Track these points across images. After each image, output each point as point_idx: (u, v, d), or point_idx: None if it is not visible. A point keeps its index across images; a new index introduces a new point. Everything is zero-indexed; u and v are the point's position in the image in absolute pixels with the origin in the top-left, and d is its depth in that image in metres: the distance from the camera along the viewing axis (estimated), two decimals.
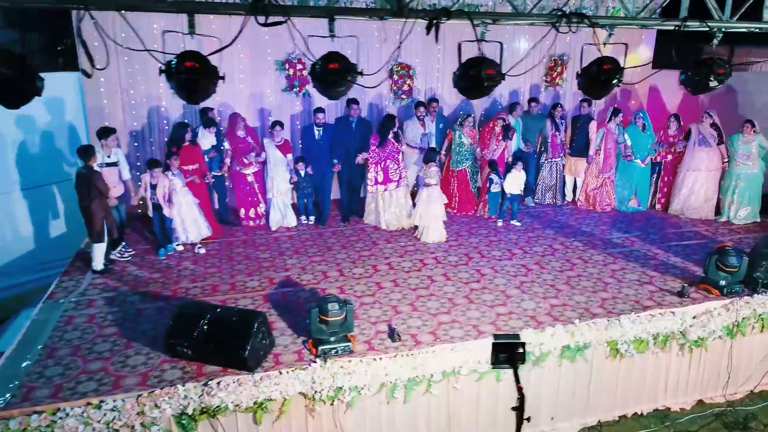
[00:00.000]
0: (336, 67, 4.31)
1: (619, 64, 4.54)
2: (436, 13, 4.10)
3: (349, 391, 4.36)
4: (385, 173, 7.16)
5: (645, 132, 8.15)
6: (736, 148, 7.57)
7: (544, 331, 4.85)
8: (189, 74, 4.34)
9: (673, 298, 5.55)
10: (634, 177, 8.27)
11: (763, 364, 5.78)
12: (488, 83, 4.42)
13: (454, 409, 4.79)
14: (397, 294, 5.58)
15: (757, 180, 7.68)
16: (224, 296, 5.53)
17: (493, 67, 4.40)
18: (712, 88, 4.88)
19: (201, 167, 7.03)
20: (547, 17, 4.67)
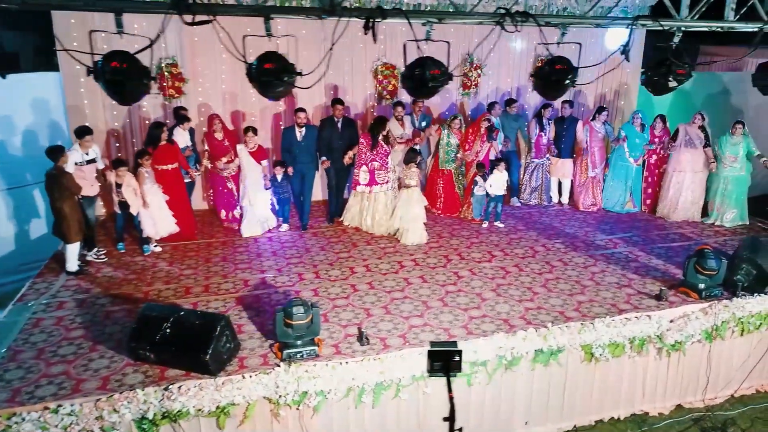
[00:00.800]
0: (271, 68, 4.23)
1: (572, 64, 4.46)
2: (372, 12, 4.03)
3: (315, 395, 4.30)
4: (372, 175, 7.08)
5: (642, 132, 8.04)
6: (724, 149, 7.47)
7: (515, 335, 4.78)
8: (115, 75, 4.25)
9: (651, 301, 5.47)
10: (628, 178, 8.17)
11: (743, 368, 5.70)
12: (432, 83, 4.36)
13: (425, 414, 4.72)
14: (371, 297, 5.52)
15: (744, 182, 7.56)
16: (197, 298, 5.48)
17: (437, 67, 4.34)
18: (672, 89, 4.80)
19: (181, 165, 7.00)
20: (490, 16, 4.59)
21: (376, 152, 7.03)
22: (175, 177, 6.93)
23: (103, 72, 4.11)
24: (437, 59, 4.83)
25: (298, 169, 7.18)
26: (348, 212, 7.53)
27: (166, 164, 6.77)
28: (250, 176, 6.96)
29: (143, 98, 7.40)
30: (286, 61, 4.50)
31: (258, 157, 6.99)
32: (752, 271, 5.59)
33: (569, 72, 4.48)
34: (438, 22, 4.70)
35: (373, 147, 6.97)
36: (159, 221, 6.47)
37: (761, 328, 5.59)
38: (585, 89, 9.80)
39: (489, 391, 4.84)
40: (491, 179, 7.41)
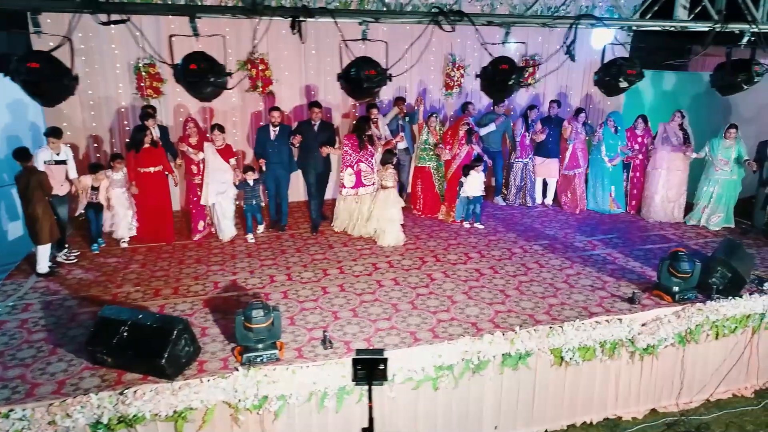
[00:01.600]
0: (195, 68, 4.17)
1: (516, 64, 4.40)
2: (296, 11, 3.97)
3: (275, 400, 4.25)
4: (358, 177, 6.97)
5: (617, 134, 8.02)
6: (716, 153, 7.30)
7: (482, 338, 4.72)
8: (31, 75, 4.12)
9: (624, 304, 5.40)
10: (606, 177, 8.12)
11: (719, 372, 5.63)
12: (367, 84, 4.31)
13: (391, 419, 4.67)
14: (341, 299, 5.46)
15: (735, 187, 7.42)
16: (165, 300, 5.42)
17: (373, 67, 4.28)
18: (623, 89, 4.73)
19: (165, 169, 6.95)
20: (422, 15, 4.50)
21: (362, 153, 6.93)
22: (158, 180, 6.89)
23: (18, 72, 3.97)
24: (373, 59, 4.74)
25: (272, 170, 7.07)
26: (338, 219, 7.33)
27: (149, 167, 6.72)
28: (215, 176, 6.75)
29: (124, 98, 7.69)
30: (214, 61, 4.40)
31: (226, 155, 6.81)
32: (727, 274, 5.52)
33: (513, 72, 4.41)
34: (374, 22, 4.60)
35: (360, 148, 6.88)
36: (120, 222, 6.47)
37: (737, 332, 5.53)
38: (571, 90, 9.77)
39: (456, 395, 4.78)
40: (468, 180, 7.35)
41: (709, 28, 4.46)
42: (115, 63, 7.58)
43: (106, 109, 7.74)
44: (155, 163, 6.78)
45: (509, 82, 4.40)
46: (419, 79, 8.91)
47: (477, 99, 9.16)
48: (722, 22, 4.41)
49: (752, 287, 5.76)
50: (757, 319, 5.56)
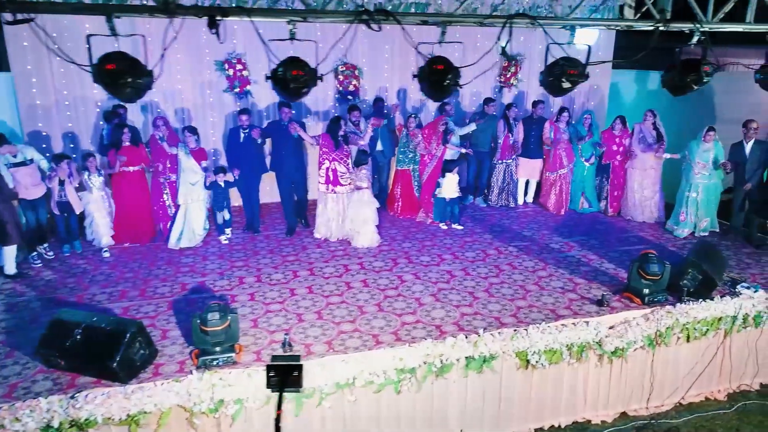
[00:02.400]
0: (113, 69, 4.11)
1: (452, 64, 4.34)
2: (212, 11, 3.90)
3: (232, 403, 4.21)
4: (334, 175, 6.85)
5: (590, 132, 8.02)
6: (694, 155, 7.14)
7: (444, 341, 4.66)
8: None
9: (592, 307, 5.35)
10: (578, 177, 8.20)
11: (691, 375, 5.57)
12: (294, 84, 4.27)
13: (353, 423, 4.62)
14: (307, 301, 5.42)
15: (715, 190, 7.29)
16: (130, 302, 5.38)
17: (300, 67, 4.23)
18: (567, 90, 4.68)
19: (146, 166, 6.92)
20: (345, 14, 4.41)
21: (338, 153, 6.80)
22: (138, 179, 6.86)
23: None
24: (302, 59, 4.66)
25: (243, 172, 7.01)
26: (322, 226, 7.09)
27: (129, 166, 6.68)
28: (184, 177, 6.69)
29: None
30: (135, 62, 4.32)
31: (197, 157, 6.74)
32: (698, 276, 5.46)
33: (448, 72, 4.36)
34: (302, 21, 4.51)
35: (337, 147, 6.77)
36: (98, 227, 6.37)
37: (708, 335, 5.47)
38: None
39: (420, 398, 4.73)
40: (444, 182, 7.30)
41: (653, 27, 4.40)
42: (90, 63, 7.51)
43: (83, 109, 7.69)
44: (137, 162, 6.74)
45: (445, 83, 4.34)
46: (398, 77, 8.83)
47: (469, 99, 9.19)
48: (665, 21, 4.35)
49: (725, 289, 5.71)
50: (729, 322, 5.49)
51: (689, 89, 4.96)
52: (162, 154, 6.96)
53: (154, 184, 7.20)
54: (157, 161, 7.04)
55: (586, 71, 4.66)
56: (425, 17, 4.45)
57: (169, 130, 7.06)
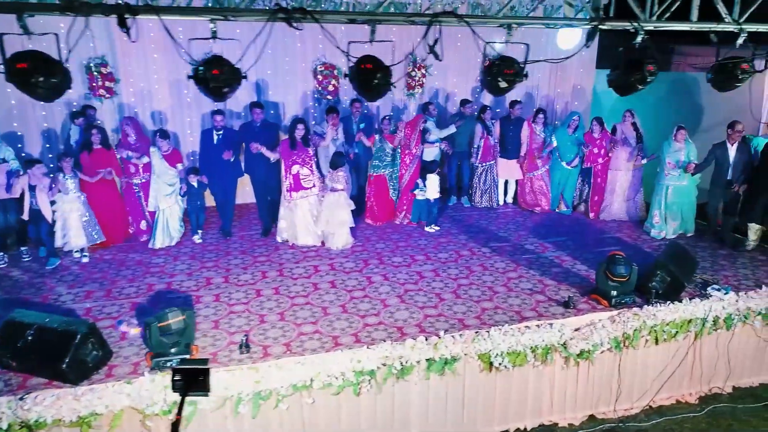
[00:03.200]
0: (24, 67, 4.07)
1: (383, 64, 4.30)
2: (119, 9, 3.84)
3: (186, 405, 4.17)
4: (296, 180, 6.67)
5: (574, 134, 7.89)
6: (665, 155, 7.07)
7: (404, 343, 4.62)
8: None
9: (559, 308, 5.31)
10: (558, 178, 8.11)
11: (660, 378, 5.52)
12: (214, 84, 4.23)
13: (312, 425, 4.58)
14: (272, 302, 5.38)
15: (686, 193, 7.13)
16: (94, 303, 5.36)
17: (219, 67, 4.19)
18: (504, 90, 4.64)
19: (116, 171, 6.90)
20: (261, 13, 4.33)
21: (297, 153, 6.61)
22: (108, 181, 6.83)
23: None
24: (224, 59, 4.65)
25: (217, 175, 6.94)
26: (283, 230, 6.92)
27: (99, 169, 6.65)
28: (159, 181, 6.68)
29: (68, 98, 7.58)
30: (50, 61, 4.23)
31: (171, 160, 6.70)
32: (666, 278, 5.41)
33: (377, 71, 4.32)
34: (224, 20, 4.46)
35: (292, 146, 6.57)
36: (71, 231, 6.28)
37: (678, 337, 5.41)
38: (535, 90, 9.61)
39: (381, 400, 4.69)
40: (426, 183, 7.25)
41: (591, 26, 4.34)
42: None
43: (59, 109, 7.67)
44: (106, 164, 6.72)
45: (374, 82, 4.30)
46: None
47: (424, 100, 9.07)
48: (600, 20, 4.29)
49: (695, 291, 5.66)
50: (699, 324, 5.44)
51: (634, 89, 4.90)
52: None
53: (127, 186, 7.15)
54: (127, 162, 7.01)
55: (524, 71, 4.61)
56: (353, 15, 4.38)
57: (137, 133, 6.98)
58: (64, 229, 6.21)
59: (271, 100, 8.44)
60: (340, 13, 4.57)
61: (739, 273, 6.18)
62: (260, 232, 7.26)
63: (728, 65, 5.50)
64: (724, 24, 5.33)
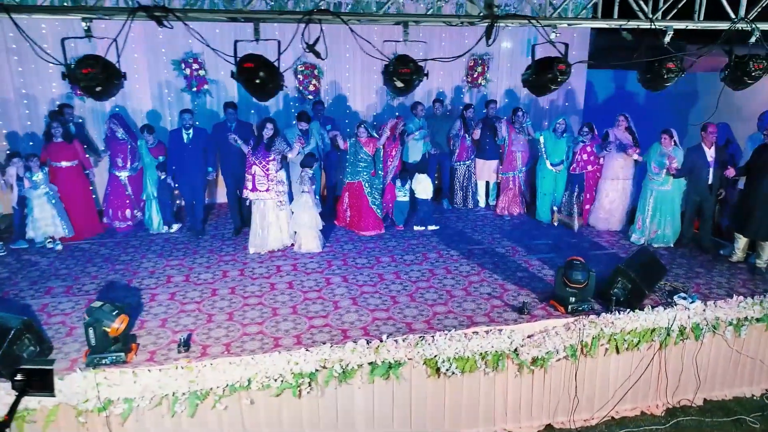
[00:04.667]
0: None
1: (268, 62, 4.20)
2: None
3: (121, 402, 4.19)
4: (253, 181, 6.46)
5: (563, 137, 7.51)
6: (650, 159, 6.80)
7: (344, 347, 4.56)
8: None
9: (513, 314, 5.17)
10: (547, 185, 7.64)
11: (623, 388, 5.35)
12: (85, 83, 4.27)
13: (252, 426, 4.55)
14: (224, 302, 5.37)
15: (669, 199, 6.83)
16: (51, 299, 5.42)
17: (92, 65, 4.17)
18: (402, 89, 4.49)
19: (82, 163, 7.03)
20: (119, 11, 4.24)
21: (257, 154, 6.41)
22: (72, 175, 6.94)
23: None
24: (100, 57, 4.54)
25: (186, 174, 6.98)
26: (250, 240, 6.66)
27: (61, 161, 6.78)
28: (148, 172, 7.10)
29: None
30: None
31: (155, 153, 7.02)
32: (627, 285, 5.23)
33: (260, 70, 4.23)
34: (96, 18, 4.38)
35: (255, 147, 6.46)
36: (39, 222, 6.45)
37: (640, 347, 5.23)
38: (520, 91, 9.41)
39: (323, 403, 4.64)
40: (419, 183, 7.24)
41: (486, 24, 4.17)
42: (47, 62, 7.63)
43: (43, 106, 7.80)
44: (67, 158, 6.83)
45: (256, 81, 4.21)
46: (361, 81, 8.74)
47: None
48: (495, 17, 4.13)
49: (660, 299, 5.47)
50: (663, 334, 5.25)
51: (547, 90, 4.74)
52: (119, 149, 7.11)
53: (113, 178, 7.35)
54: (115, 156, 7.18)
55: (425, 70, 4.47)
56: (222, 14, 4.27)
57: (125, 129, 7.19)
58: (33, 221, 6.37)
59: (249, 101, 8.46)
60: (204, 11, 4.41)
61: (714, 281, 5.95)
62: (232, 231, 7.27)
63: (655, 65, 5.36)
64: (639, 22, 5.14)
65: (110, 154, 7.20)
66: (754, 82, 5.37)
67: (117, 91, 4.82)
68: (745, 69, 5.20)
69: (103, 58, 4.47)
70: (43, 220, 6.49)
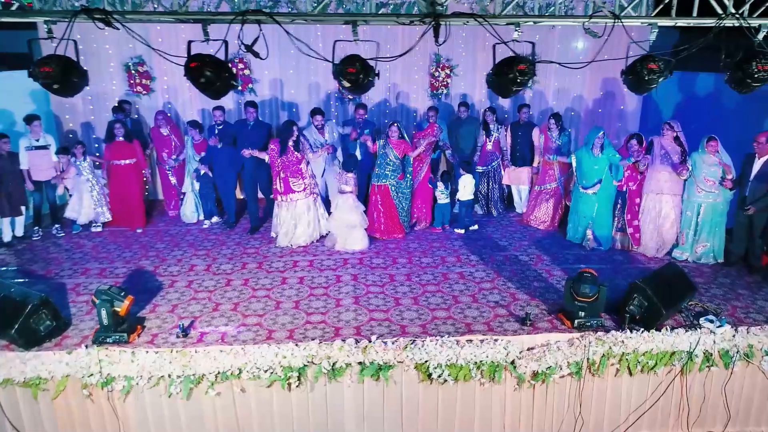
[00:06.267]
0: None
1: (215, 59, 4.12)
2: None
3: (123, 379, 4.49)
4: (286, 184, 6.66)
5: (601, 156, 6.59)
6: (699, 170, 6.21)
7: (332, 344, 4.59)
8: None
9: (515, 324, 4.97)
10: (586, 209, 6.74)
11: (636, 413, 4.99)
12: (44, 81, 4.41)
13: (244, 415, 4.71)
14: (234, 293, 5.57)
15: (721, 211, 6.27)
16: (85, 279, 5.86)
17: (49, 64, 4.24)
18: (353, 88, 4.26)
19: (139, 162, 7.55)
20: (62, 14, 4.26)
21: (285, 159, 6.59)
22: (130, 172, 7.45)
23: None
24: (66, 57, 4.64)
25: (217, 169, 7.31)
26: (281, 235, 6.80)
27: (120, 160, 7.33)
28: (189, 166, 7.58)
29: None
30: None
31: (198, 149, 7.45)
32: (644, 303, 4.86)
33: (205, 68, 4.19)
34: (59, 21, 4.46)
35: (281, 153, 6.58)
36: (84, 208, 7.06)
37: (657, 370, 4.85)
38: (571, 92, 8.96)
39: (313, 399, 4.70)
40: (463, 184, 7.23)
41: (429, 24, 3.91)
42: (109, 62, 8.30)
43: (103, 103, 8.47)
44: (126, 156, 7.36)
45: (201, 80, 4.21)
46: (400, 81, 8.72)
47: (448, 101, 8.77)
48: (437, 16, 3.85)
49: (685, 320, 5.03)
50: (684, 358, 4.84)
51: (510, 91, 4.41)
52: (164, 143, 7.60)
53: (161, 171, 7.91)
54: (161, 150, 7.67)
55: (375, 70, 4.31)
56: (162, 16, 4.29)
57: (168, 122, 7.65)
58: (76, 205, 6.97)
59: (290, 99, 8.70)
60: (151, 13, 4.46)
61: (756, 305, 5.39)
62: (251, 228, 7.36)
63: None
64: None
65: (156, 148, 7.68)
66: (760, 84, 4.79)
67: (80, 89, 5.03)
68: (748, 70, 4.67)
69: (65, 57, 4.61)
70: (85, 206, 7.08)
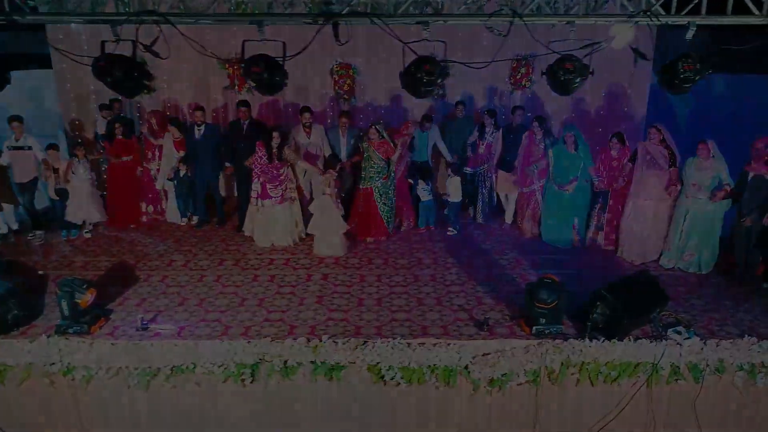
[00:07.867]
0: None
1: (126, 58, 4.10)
2: None
3: (83, 369, 4.63)
4: (263, 189, 6.66)
5: (575, 153, 6.58)
6: (688, 175, 5.98)
7: (282, 343, 4.62)
8: None
9: (472, 329, 4.88)
10: (564, 207, 6.72)
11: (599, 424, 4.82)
12: None
13: (204, 407, 4.79)
14: (203, 288, 5.66)
15: (712, 219, 5.97)
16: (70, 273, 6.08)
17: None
18: None
19: (135, 159, 7.75)
20: None
21: (266, 168, 6.56)
22: (127, 168, 7.63)
23: None
24: None
25: (200, 169, 7.33)
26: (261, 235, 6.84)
27: (120, 157, 7.54)
28: (168, 162, 7.47)
29: None
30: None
31: (178, 147, 7.40)
32: (606, 311, 4.70)
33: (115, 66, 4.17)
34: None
35: (270, 160, 6.54)
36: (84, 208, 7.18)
37: (620, 381, 4.68)
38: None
39: (268, 396, 4.75)
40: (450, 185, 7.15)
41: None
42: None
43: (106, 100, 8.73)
44: (124, 153, 7.57)
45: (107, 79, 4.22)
46: None
47: None
48: (328, 16, 3.74)
49: (654, 331, 4.83)
50: (649, 370, 4.65)
51: (420, 92, 4.26)
52: (151, 144, 7.76)
53: (146, 171, 7.83)
54: (148, 150, 7.82)
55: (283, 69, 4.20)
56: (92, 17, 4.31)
57: (159, 121, 7.74)
58: (72, 205, 7.12)
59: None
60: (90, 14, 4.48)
61: (735, 317, 5.14)
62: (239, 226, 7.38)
63: None
64: None
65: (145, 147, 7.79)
66: (688, 85, 4.80)
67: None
68: (675, 70, 4.68)
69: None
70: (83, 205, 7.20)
